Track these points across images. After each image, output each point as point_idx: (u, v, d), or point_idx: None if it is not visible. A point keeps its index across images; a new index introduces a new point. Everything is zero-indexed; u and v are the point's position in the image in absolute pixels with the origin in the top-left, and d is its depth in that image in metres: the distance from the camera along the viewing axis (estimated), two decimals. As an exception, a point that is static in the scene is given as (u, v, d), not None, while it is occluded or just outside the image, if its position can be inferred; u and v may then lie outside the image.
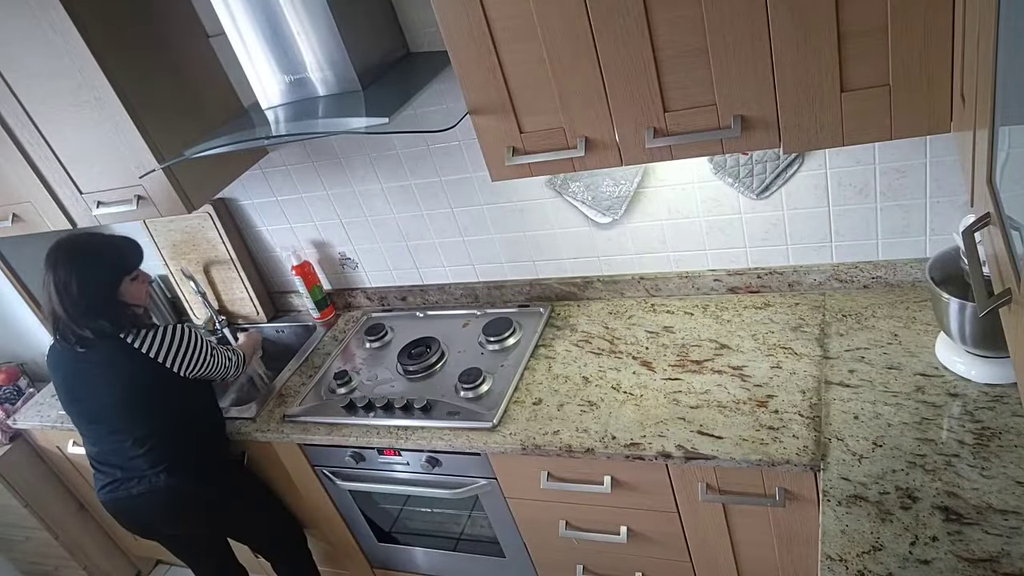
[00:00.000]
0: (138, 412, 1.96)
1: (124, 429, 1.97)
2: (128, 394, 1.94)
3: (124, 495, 2.01)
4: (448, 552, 2.27)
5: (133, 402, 1.95)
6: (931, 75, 1.24)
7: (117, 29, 1.83)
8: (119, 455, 1.99)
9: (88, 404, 1.99)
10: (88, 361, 1.95)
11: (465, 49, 1.49)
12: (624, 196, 1.98)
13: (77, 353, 1.94)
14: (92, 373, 1.95)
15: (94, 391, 1.96)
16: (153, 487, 1.98)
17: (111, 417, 1.97)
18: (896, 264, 1.85)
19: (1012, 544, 1.24)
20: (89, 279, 1.90)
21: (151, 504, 2.02)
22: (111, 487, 2.03)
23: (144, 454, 1.97)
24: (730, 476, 1.63)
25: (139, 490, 1.99)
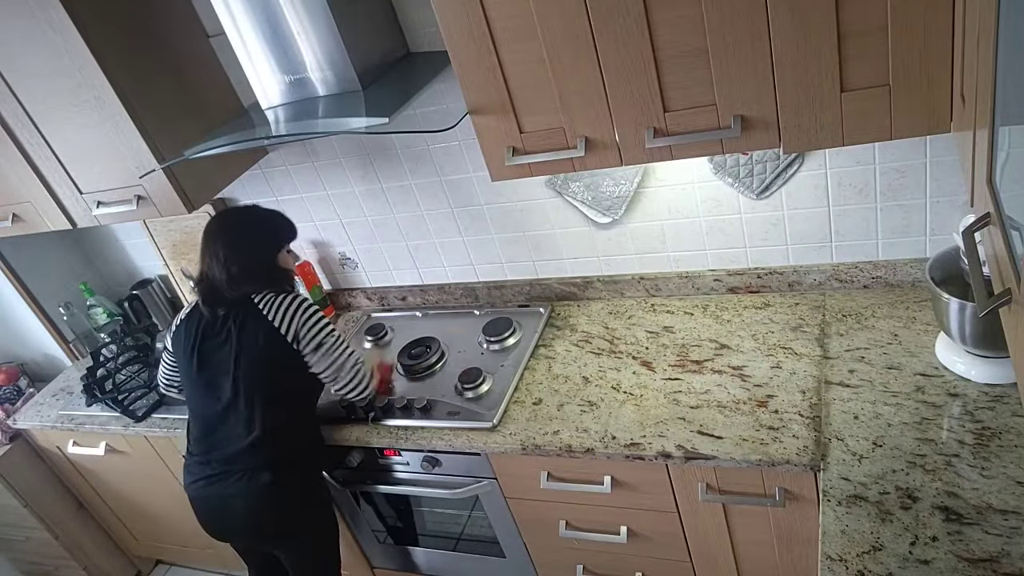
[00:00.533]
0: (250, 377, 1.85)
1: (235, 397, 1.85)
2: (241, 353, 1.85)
3: (215, 493, 1.88)
4: (448, 552, 2.27)
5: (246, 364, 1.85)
6: (931, 75, 1.24)
7: (117, 29, 1.83)
8: (225, 437, 1.86)
9: (208, 371, 1.89)
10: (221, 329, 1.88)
11: (465, 49, 1.49)
12: (624, 196, 1.98)
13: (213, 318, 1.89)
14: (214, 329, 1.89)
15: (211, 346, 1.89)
16: (251, 484, 1.84)
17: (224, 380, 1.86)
18: (896, 264, 1.85)
19: (1012, 544, 1.24)
20: (261, 241, 1.92)
21: (244, 506, 1.87)
22: (205, 481, 1.88)
23: (251, 443, 1.84)
24: (730, 476, 1.63)
25: (233, 490, 1.85)
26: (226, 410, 1.88)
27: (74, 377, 2.79)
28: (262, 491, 1.85)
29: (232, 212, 2.02)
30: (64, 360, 2.95)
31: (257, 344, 1.86)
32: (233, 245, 1.88)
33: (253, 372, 1.86)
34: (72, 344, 2.90)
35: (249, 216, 1.99)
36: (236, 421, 1.86)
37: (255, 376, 1.86)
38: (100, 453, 2.57)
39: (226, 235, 1.90)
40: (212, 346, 1.90)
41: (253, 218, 1.98)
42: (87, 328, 2.86)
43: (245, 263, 1.88)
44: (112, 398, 2.45)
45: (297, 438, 1.94)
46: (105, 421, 2.45)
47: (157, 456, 2.50)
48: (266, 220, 1.98)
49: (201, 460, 1.91)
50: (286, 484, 1.88)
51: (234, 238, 1.89)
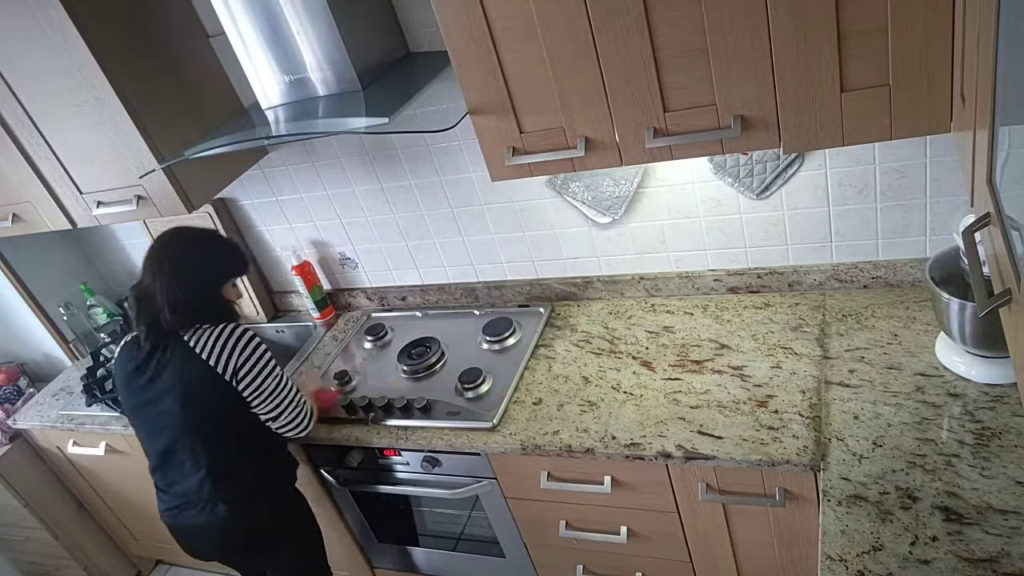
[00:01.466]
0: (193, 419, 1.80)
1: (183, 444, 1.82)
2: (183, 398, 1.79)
3: (183, 523, 1.89)
4: (448, 552, 2.27)
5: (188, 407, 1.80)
6: (931, 75, 1.24)
7: (117, 29, 1.83)
8: (180, 475, 1.85)
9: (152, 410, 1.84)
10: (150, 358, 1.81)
11: (465, 49, 1.49)
12: (624, 196, 1.98)
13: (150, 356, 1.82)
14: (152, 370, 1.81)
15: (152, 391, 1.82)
16: (213, 517, 1.84)
17: (168, 424, 1.82)
18: (896, 264, 1.85)
19: (1012, 544, 1.24)
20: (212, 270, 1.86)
21: (209, 534, 1.89)
22: (173, 512, 1.89)
23: (204, 479, 1.82)
24: (730, 476, 1.63)
25: (199, 520, 1.85)
26: (170, 449, 1.84)
27: (74, 377, 2.79)
28: (224, 522, 1.85)
29: (188, 232, 1.90)
30: (64, 360, 2.95)
31: (191, 383, 1.78)
32: (181, 265, 1.80)
33: (189, 413, 1.79)
34: (72, 344, 2.90)
35: (204, 241, 1.90)
36: (182, 459, 1.83)
37: (192, 417, 1.80)
38: (100, 453, 2.57)
39: (176, 254, 1.82)
40: (145, 383, 1.83)
41: (208, 244, 1.91)
42: (87, 328, 2.86)
43: (189, 287, 1.80)
44: (112, 398, 2.45)
45: (250, 471, 1.88)
46: (105, 421, 2.45)
47: (157, 456, 2.50)
48: (221, 249, 1.93)
49: (163, 491, 1.91)
50: (247, 512, 1.88)
51: (184, 259, 1.82)
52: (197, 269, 1.84)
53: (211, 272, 1.87)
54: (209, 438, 1.82)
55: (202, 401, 1.80)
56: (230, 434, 1.85)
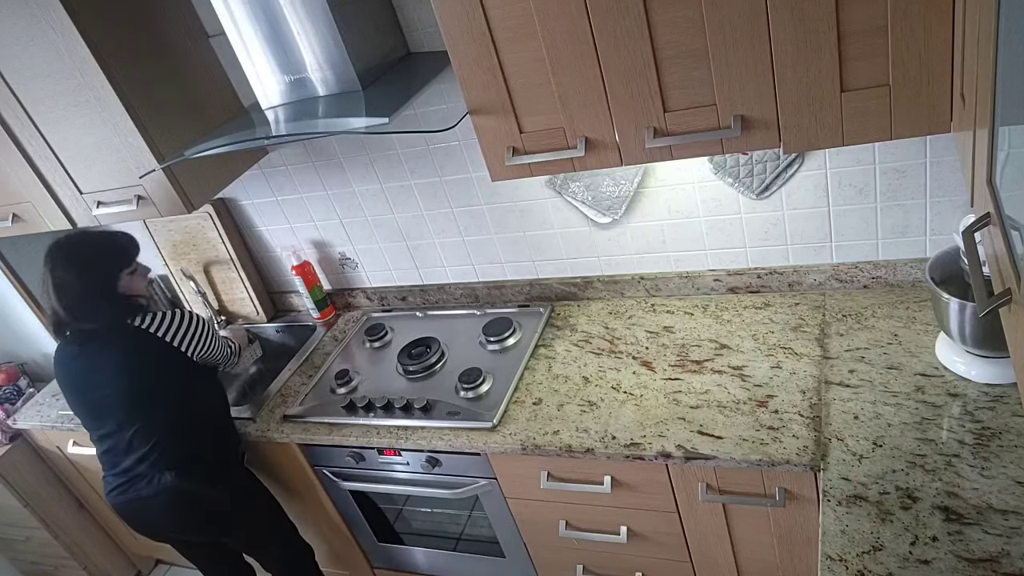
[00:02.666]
0: (143, 401, 1.93)
1: (128, 421, 1.93)
2: (133, 382, 1.92)
3: (132, 497, 1.98)
4: (448, 552, 2.27)
5: (138, 390, 1.92)
6: (931, 75, 1.24)
7: (117, 29, 1.83)
8: (126, 453, 1.95)
9: (93, 397, 1.95)
10: (91, 355, 1.93)
11: (465, 49, 1.49)
12: (624, 196, 1.98)
13: (80, 349, 1.94)
14: (95, 366, 1.93)
15: (99, 384, 1.93)
16: (160, 488, 1.94)
17: (116, 409, 1.93)
18: (896, 264, 1.85)
19: (1012, 544, 1.24)
20: (88, 275, 1.90)
21: (159, 506, 1.97)
22: (119, 490, 1.99)
23: (150, 451, 1.93)
24: (730, 476, 1.63)
25: (147, 492, 1.95)
26: (120, 428, 1.95)
27: (74, 377, 2.79)
28: (169, 490, 1.95)
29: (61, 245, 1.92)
30: (64, 360, 2.95)
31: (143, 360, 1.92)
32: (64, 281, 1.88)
33: (141, 389, 1.93)
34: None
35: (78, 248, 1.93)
36: (131, 436, 1.94)
37: (143, 392, 1.93)
38: (100, 453, 2.57)
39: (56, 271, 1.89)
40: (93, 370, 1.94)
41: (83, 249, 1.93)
42: (87, 328, 2.85)
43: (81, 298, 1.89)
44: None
45: (197, 436, 2.01)
46: (105, 421, 2.45)
47: (157, 456, 2.50)
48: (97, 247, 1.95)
49: (110, 472, 2.01)
50: (192, 478, 1.97)
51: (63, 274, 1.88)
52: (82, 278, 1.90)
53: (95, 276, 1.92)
54: (153, 418, 1.94)
55: (151, 378, 1.94)
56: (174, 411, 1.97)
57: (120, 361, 1.92)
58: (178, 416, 1.97)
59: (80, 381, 1.97)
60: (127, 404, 1.93)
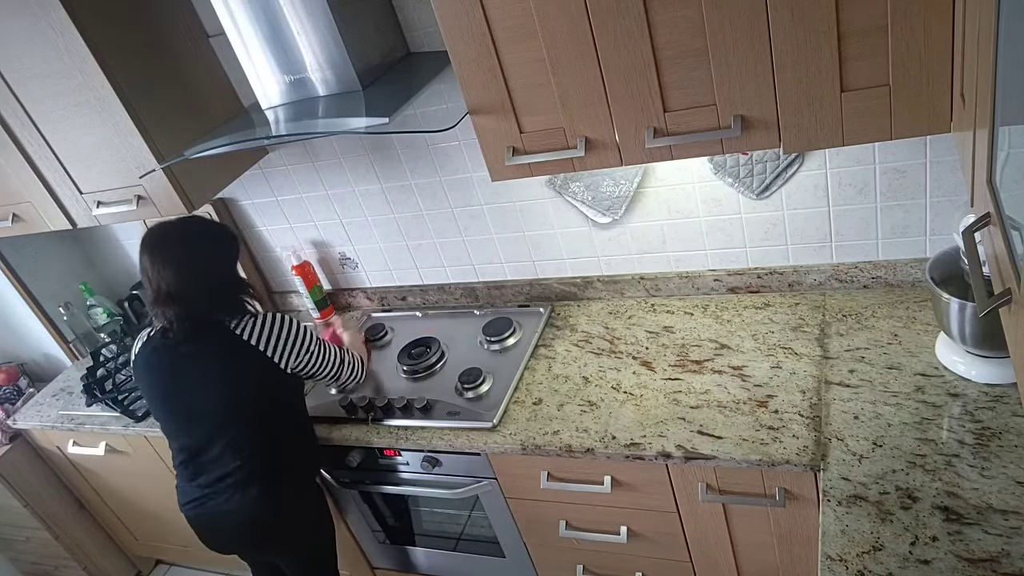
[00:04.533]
0: (237, 414, 1.81)
1: (220, 434, 1.81)
2: (229, 394, 1.79)
3: (211, 511, 1.86)
4: (448, 552, 2.27)
5: (233, 403, 1.80)
6: (931, 75, 1.24)
7: (117, 29, 1.83)
8: (211, 465, 1.83)
9: (183, 404, 1.82)
10: (187, 358, 1.80)
11: (465, 49, 1.49)
12: (624, 196, 1.98)
13: (175, 350, 1.80)
14: (190, 371, 1.80)
15: (191, 390, 1.81)
16: (243, 502, 1.82)
17: (208, 419, 1.81)
18: (896, 264, 1.85)
19: (1012, 544, 1.24)
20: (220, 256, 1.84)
21: (236, 521, 1.86)
22: (198, 502, 1.86)
23: (239, 466, 1.81)
24: (730, 476, 1.63)
25: (227, 507, 1.83)
26: (210, 439, 1.83)
27: (74, 377, 2.79)
28: (253, 504, 1.84)
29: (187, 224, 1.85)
30: (64, 360, 2.95)
31: (240, 369, 1.79)
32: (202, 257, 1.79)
33: (237, 399, 1.80)
34: (72, 344, 2.90)
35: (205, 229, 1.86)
36: (222, 447, 1.82)
37: (239, 402, 1.81)
38: (100, 453, 2.57)
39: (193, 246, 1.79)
40: (182, 377, 1.81)
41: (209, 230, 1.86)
42: (87, 328, 2.86)
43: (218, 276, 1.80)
44: (112, 398, 2.46)
45: (286, 450, 1.90)
46: (105, 421, 2.45)
47: (157, 456, 2.50)
48: (220, 231, 1.89)
49: (190, 483, 1.88)
50: (276, 494, 1.86)
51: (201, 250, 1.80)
52: (215, 257, 1.84)
53: (226, 255, 1.87)
54: (254, 422, 1.83)
55: (247, 388, 1.81)
56: (273, 416, 1.87)
57: (217, 370, 1.79)
58: (270, 431, 1.85)
59: (170, 384, 1.84)
60: (220, 416, 1.80)
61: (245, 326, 1.81)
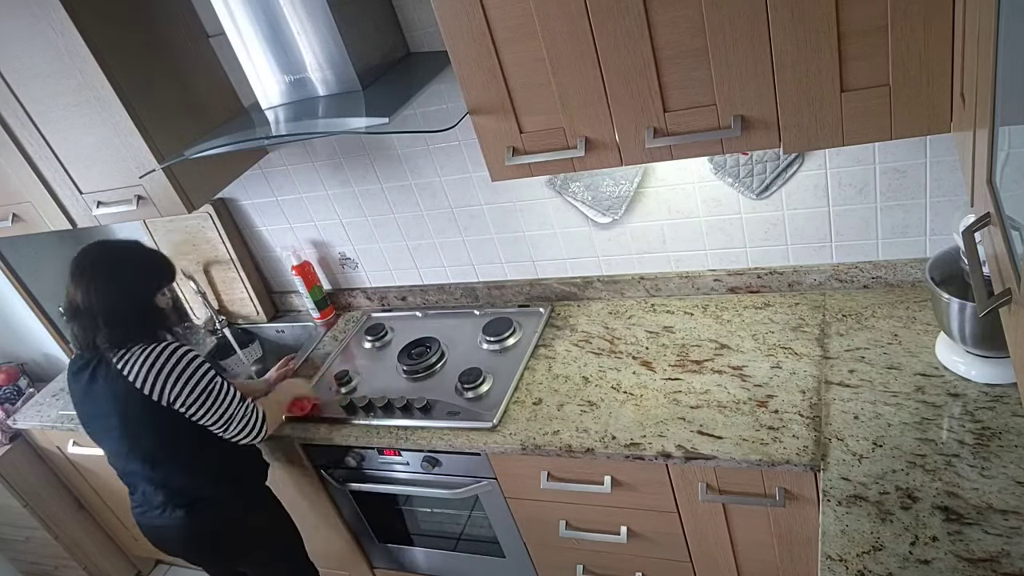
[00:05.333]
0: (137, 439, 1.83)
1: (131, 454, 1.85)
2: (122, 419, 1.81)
3: (150, 523, 1.93)
4: (448, 552, 2.27)
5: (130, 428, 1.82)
6: (931, 75, 1.24)
7: (117, 29, 1.83)
8: (137, 480, 1.90)
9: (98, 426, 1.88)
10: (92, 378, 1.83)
11: (465, 49, 1.49)
12: (624, 196, 1.98)
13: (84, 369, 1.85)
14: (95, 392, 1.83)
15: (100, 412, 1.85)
16: (174, 522, 1.88)
17: (119, 441, 1.85)
18: (896, 264, 1.85)
19: (1012, 544, 1.24)
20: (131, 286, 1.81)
21: (174, 536, 1.92)
22: (139, 510, 1.94)
23: (158, 485, 1.86)
24: (730, 476, 1.63)
25: (161, 521, 1.90)
26: (125, 467, 1.90)
27: (74, 377, 2.79)
28: (182, 525, 1.88)
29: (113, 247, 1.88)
30: (64, 360, 2.95)
31: (125, 407, 1.78)
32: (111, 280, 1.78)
33: (128, 434, 1.82)
34: (72, 344, 2.90)
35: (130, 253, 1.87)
36: (136, 469, 1.88)
37: (131, 437, 1.83)
38: (100, 453, 2.54)
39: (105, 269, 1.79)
40: (91, 399, 1.86)
41: (134, 256, 1.87)
42: (87, 328, 2.86)
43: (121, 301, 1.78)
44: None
45: (202, 480, 1.89)
46: (105, 421, 2.45)
47: (157, 456, 2.50)
48: (147, 259, 1.89)
49: (131, 493, 1.96)
50: (205, 516, 1.90)
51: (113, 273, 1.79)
52: (127, 282, 1.81)
53: (140, 283, 1.84)
54: (152, 457, 1.85)
55: (137, 423, 1.81)
56: (173, 450, 1.85)
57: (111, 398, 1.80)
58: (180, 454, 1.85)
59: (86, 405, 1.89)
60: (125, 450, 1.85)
61: (126, 360, 1.77)
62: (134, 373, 1.76)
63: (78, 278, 1.79)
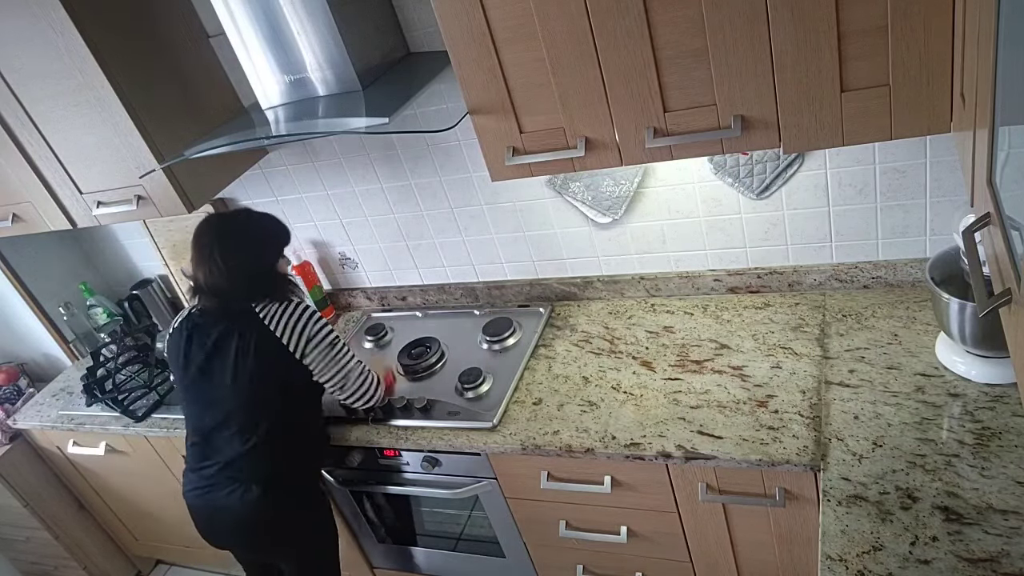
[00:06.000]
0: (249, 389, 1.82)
1: (235, 410, 1.83)
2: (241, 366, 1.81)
3: (209, 504, 1.87)
4: (448, 552, 2.27)
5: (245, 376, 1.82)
6: (931, 75, 1.24)
7: (117, 29, 1.83)
8: (217, 447, 1.85)
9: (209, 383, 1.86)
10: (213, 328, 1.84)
11: (465, 49, 1.49)
12: (624, 196, 1.98)
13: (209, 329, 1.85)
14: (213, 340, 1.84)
15: (210, 360, 1.84)
16: (244, 501, 1.83)
17: (222, 392, 1.83)
18: (896, 264, 1.85)
19: (1012, 544, 1.24)
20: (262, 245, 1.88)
21: (233, 520, 1.87)
22: (200, 491, 1.88)
23: (246, 452, 1.83)
24: (730, 476, 1.63)
25: (228, 502, 1.84)
26: (224, 423, 1.85)
27: (74, 377, 2.79)
28: (253, 505, 1.84)
29: (228, 216, 1.94)
30: (64, 360, 2.95)
31: (259, 356, 1.81)
32: (234, 251, 1.82)
33: (253, 385, 1.82)
34: (72, 344, 2.90)
35: (247, 220, 1.92)
36: (233, 433, 1.84)
37: (255, 389, 1.83)
38: (100, 453, 2.57)
39: (225, 240, 1.83)
40: (210, 358, 1.85)
41: (251, 222, 1.92)
42: (87, 328, 2.86)
43: (248, 270, 1.84)
44: (112, 398, 2.45)
45: (296, 447, 1.92)
46: (105, 421, 2.45)
47: (157, 456, 2.50)
48: (264, 224, 1.93)
49: (196, 470, 1.90)
50: (278, 497, 1.87)
51: (235, 244, 1.84)
52: (253, 248, 1.87)
53: (264, 249, 1.90)
54: (269, 411, 1.85)
55: (268, 374, 1.83)
56: (288, 408, 1.88)
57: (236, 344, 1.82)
58: (282, 421, 1.87)
59: (198, 367, 1.87)
60: (237, 399, 1.83)
61: (266, 308, 1.84)
62: (279, 325, 1.82)
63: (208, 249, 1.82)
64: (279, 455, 1.87)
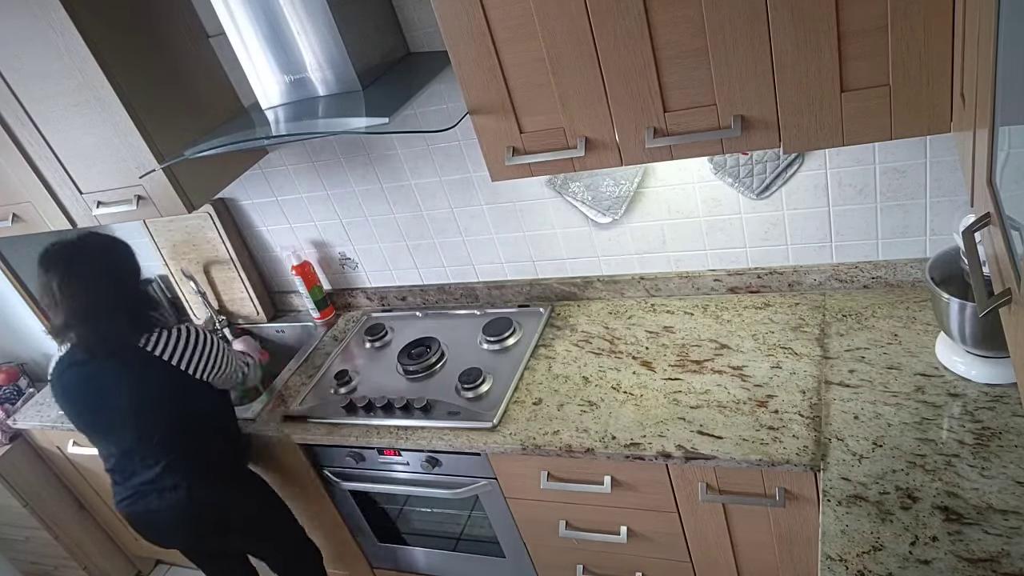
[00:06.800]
0: (154, 421, 1.89)
1: (139, 438, 1.90)
2: (144, 403, 1.87)
3: (143, 509, 1.96)
4: (448, 552, 2.27)
5: (147, 409, 1.88)
6: (931, 75, 1.24)
7: (117, 29, 1.83)
8: (138, 468, 1.93)
9: (103, 413, 1.91)
10: (100, 369, 1.87)
11: (465, 49, 1.49)
12: (624, 196, 1.98)
13: (87, 361, 1.88)
14: (105, 382, 1.87)
15: (108, 400, 1.88)
16: (174, 501, 1.93)
17: (127, 426, 1.89)
18: (896, 264, 1.85)
19: (1012, 544, 1.24)
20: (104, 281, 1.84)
21: (170, 519, 1.96)
22: (130, 500, 1.97)
23: (162, 469, 1.91)
24: (730, 476, 1.63)
25: (158, 505, 1.94)
26: (134, 444, 1.92)
27: (74, 377, 2.79)
28: (183, 504, 1.93)
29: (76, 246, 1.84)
30: (64, 360, 2.95)
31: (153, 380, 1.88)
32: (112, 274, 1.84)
33: (154, 407, 1.90)
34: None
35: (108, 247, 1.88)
36: (144, 455, 1.92)
37: (157, 410, 1.90)
38: (100, 453, 2.57)
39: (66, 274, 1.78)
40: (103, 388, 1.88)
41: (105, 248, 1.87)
42: (87, 328, 2.85)
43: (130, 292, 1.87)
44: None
45: (211, 448, 2.00)
46: (105, 421, 2.45)
47: (157, 456, 2.50)
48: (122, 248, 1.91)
49: (122, 483, 1.98)
50: (206, 490, 1.96)
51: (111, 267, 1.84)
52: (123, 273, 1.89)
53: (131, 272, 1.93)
54: (163, 437, 1.91)
55: (164, 397, 1.90)
56: (193, 422, 1.96)
57: (130, 381, 1.86)
58: (190, 431, 1.95)
59: (89, 396, 1.91)
60: (138, 423, 1.89)
61: (155, 342, 1.88)
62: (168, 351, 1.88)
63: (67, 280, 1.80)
64: (197, 458, 1.96)
